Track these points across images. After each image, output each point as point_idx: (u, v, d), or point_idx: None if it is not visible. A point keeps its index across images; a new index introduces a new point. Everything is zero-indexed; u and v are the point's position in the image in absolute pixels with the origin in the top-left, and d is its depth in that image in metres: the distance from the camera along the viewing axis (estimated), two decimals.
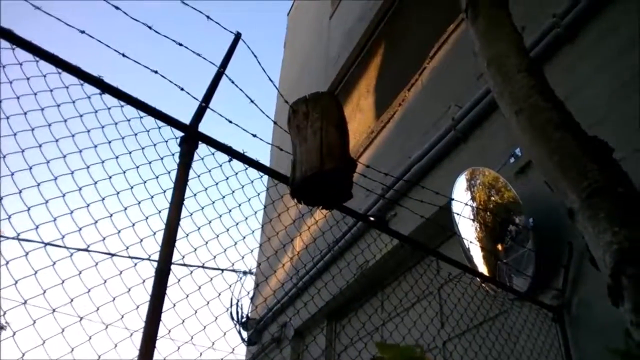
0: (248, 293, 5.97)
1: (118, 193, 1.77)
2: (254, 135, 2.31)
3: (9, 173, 1.55)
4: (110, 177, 1.77)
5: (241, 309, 7.78)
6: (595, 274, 3.05)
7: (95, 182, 1.71)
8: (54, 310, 1.62)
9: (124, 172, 1.81)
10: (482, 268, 4.01)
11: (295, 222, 3.29)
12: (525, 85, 2.40)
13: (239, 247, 2.23)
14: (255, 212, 2.44)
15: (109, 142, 1.81)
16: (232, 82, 2.16)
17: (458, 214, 4.06)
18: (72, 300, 1.60)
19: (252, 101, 2.23)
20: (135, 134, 1.88)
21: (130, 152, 1.85)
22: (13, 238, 1.64)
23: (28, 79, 1.75)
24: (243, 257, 2.34)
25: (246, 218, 2.16)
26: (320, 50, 10.24)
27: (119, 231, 1.72)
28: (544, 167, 2.31)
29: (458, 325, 3.87)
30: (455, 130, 4.89)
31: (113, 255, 1.70)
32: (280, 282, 5.83)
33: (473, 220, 4.25)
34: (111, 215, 1.72)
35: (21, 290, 1.53)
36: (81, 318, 1.69)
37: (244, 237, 2.28)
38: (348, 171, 2.01)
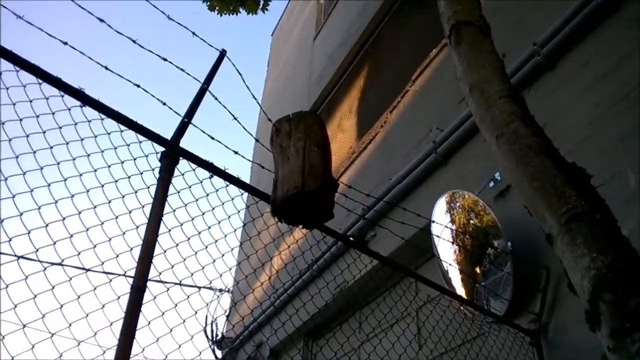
0: (225, 312, 5.89)
1: (95, 207, 1.74)
2: (236, 153, 2.30)
3: None
4: (87, 191, 1.74)
5: (216, 327, 7.68)
6: (572, 299, 3.06)
7: (72, 195, 1.68)
8: (24, 326, 1.57)
9: (102, 186, 1.78)
10: (461, 290, 4.02)
11: (274, 241, 3.26)
12: (506, 111, 2.43)
13: (217, 265, 2.20)
14: (235, 230, 2.42)
15: (88, 155, 1.78)
16: (216, 99, 2.15)
17: (437, 236, 4.08)
18: (44, 316, 1.56)
19: (235, 118, 2.22)
20: (115, 148, 1.86)
21: (109, 166, 1.82)
22: None
23: (7, 88, 1.72)
24: (221, 275, 2.30)
25: (225, 235, 2.14)
26: (303, 71, 10.30)
27: (95, 246, 1.68)
28: (524, 191, 2.34)
29: (436, 348, 3.86)
30: (436, 153, 4.93)
31: (88, 270, 1.66)
32: (257, 301, 5.77)
33: (452, 243, 4.27)
34: (87, 229, 1.68)
35: None
36: (52, 334, 1.64)
37: (223, 255, 2.25)
38: (330, 192, 2.01)
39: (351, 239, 5.36)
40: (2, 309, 1.53)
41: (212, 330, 7.32)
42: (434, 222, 4.13)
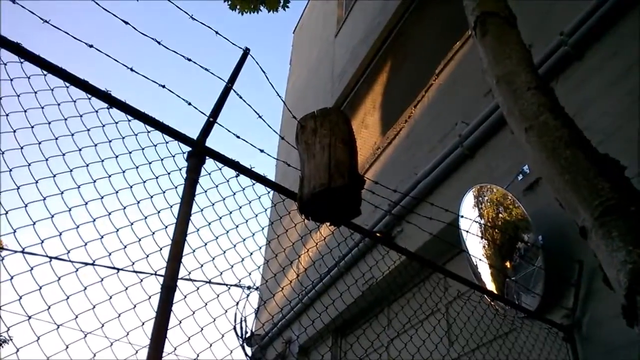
0: (255, 310, 5.92)
1: (125, 208, 1.76)
2: (262, 151, 2.30)
3: (14, 187, 1.54)
4: (117, 192, 1.75)
5: (245, 324, 7.72)
6: (607, 293, 3.00)
7: (102, 197, 1.70)
8: (58, 327, 1.59)
9: (131, 187, 1.80)
10: (490, 285, 3.97)
11: (302, 238, 3.26)
12: (535, 103, 2.38)
13: (245, 263, 2.21)
14: (262, 228, 2.42)
15: (116, 156, 1.79)
16: (241, 98, 2.15)
17: (466, 231, 4.03)
18: (77, 317, 1.58)
19: (260, 116, 2.22)
20: (143, 149, 1.87)
21: (137, 167, 1.83)
22: (18, 252, 1.62)
23: (36, 92, 1.75)
24: (250, 274, 2.31)
25: (253, 234, 2.14)
26: (325, 67, 10.28)
27: (125, 246, 1.70)
28: (555, 185, 2.29)
29: (467, 344, 3.81)
30: (462, 146, 4.87)
31: (119, 270, 1.68)
32: (286, 298, 5.79)
33: (481, 237, 4.21)
34: (117, 230, 1.70)
35: (25, 305, 1.51)
36: (86, 334, 1.67)
37: (251, 254, 2.26)
38: (356, 188, 1.99)
39: (378, 235, 5.33)
40: (35, 309, 1.55)
41: (241, 328, 7.37)
42: (462, 216, 4.08)
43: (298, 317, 7.06)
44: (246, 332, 7.52)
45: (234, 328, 7.34)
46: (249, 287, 8.08)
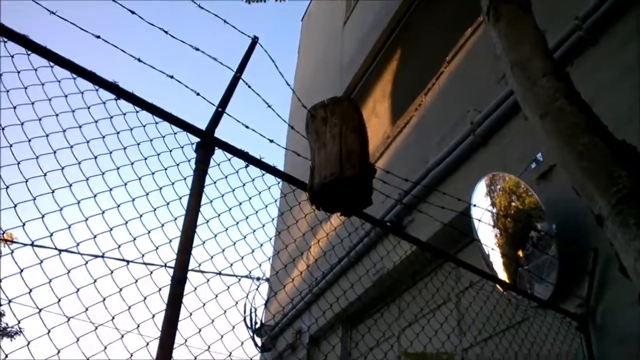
0: (266, 301, 5.93)
1: (133, 200, 1.74)
2: (271, 141, 2.27)
3: (23, 180, 1.52)
4: (125, 184, 1.73)
5: (255, 315, 7.74)
6: (623, 282, 2.95)
7: (111, 189, 1.68)
8: (69, 319, 1.58)
9: (140, 179, 1.78)
10: (503, 275, 3.93)
11: (312, 229, 3.24)
12: (550, 89, 2.34)
13: (255, 254, 2.18)
14: (273, 219, 2.39)
15: (124, 148, 1.77)
16: (249, 87, 2.12)
17: (478, 220, 3.98)
18: (87, 309, 1.57)
19: (269, 106, 2.19)
20: (151, 140, 1.85)
21: (145, 159, 1.81)
22: (27, 245, 1.61)
23: (43, 84, 1.72)
24: (260, 265, 2.29)
25: (263, 225, 2.11)
26: (334, 56, 10.20)
27: (135, 238, 1.68)
28: (571, 172, 2.25)
29: (480, 334, 3.79)
30: (474, 134, 4.81)
31: (129, 262, 1.67)
32: (296, 288, 5.78)
33: (493, 226, 4.17)
34: (126, 222, 1.68)
35: (35, 298, 1.50)
36: (97, 327, 1.65)
37: (262, 245, 2.23)
38: (368, 177, 1.96)
39: (388, 224, 5.29)
40: (46, 302, 1.54)
41: (251, 319, 7.38)
42: (474, 205, 4.03)
43: (308, 307, 7.06)
44: (256, 323, 7.54)
45: (244, 319, 7.36)
46: (258, 279, 8.08)
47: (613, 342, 3.07)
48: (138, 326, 1.68)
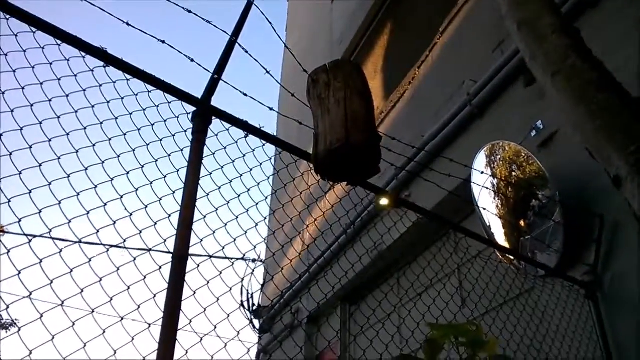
0: (263, 283, 5.85)
1: (128, 173, 1.61)
2: (271, 109, 2.15)
3: (6, 153, 1.39)
4: (119, 156, 1.61)
5: (252, 297, 7.67)
6: (631, 248, 2.87)
7: (103, 162, 1.55)
8: (62, 302, 1.46)
9: (134, 150, 1.65)
10: (505, 245, 3.86)
11: (308, 207, 3.13)
12: (561, 46, 2.23)
13: (250, 235, 2.02)
14: (266, 198, 2.23)
15: (116, 118, 1.64)
16: (247, 52, 1.99)
17: (481, 186, 3.89)
18: (82, 290, 1.45)
19: (267, 72, 2.07)
20: (144, 110, 1.72)
21: (139, 129, 1.68)
22: (13, 224, 1.48)
23: (25, 51, 1.59)
24: (255, 247, 2.14)
25: (266, 198, 1.99)
26: (323, 33, 10.01)
27: (131, 214, 1.55)
28: (585, 132, 2.16)
29: (482, 305, 3.72)
30: (471, 105, 4.70)
31: (125, 241, 1.54)
32: (293, 268, 5.69)
33: (494, 197, 4.09)
34: (122, 197, 1.55)
35: (26, 282, 1.38)
36: (93, 310, 1.54)
37: (257, 225, 2.09)
38: (375, 143, 1.85)
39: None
40: (37, 286, 1.43)
41: (248, 302, 7.31)
42: (475, 170, 3.93)
43: (305, 287, 6.99)
44: (253, 305, 7.47)
45: (242, 304, 7.27)
46: (254, 260, 7.98)
47: (622, 309, 3.01)
48: (139, 307, 1.57)
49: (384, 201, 5.74)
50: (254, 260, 8.03)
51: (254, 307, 7.45)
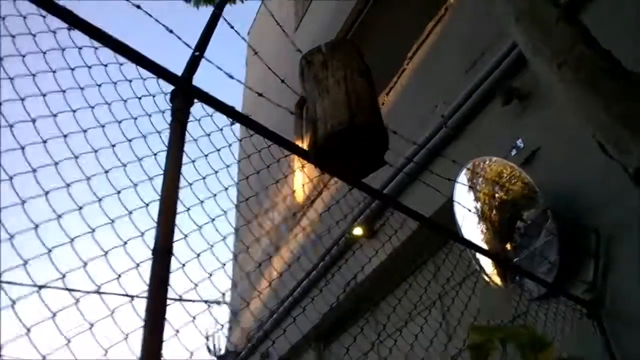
0: (230, 325, 5.47)
1: (96, 151, 1.32)
2: (260, 95, 1.91)
3: None
4: (85, 131, 1.32)
5: (218, 343, 7.19)
6: (629, 262, 2.68)
7: (65, 135, 1.26)
8: (40, 288, 1.14)
9: (103, 127, 1.37)
10: (494, 274, 3.66)
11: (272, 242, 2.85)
12: (566, 35, 2.12)
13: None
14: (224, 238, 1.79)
15: (82, 88, 1.36)
16: (232, 28, 1.77)
17: (466, 209, 3.70)
18: (64, 276, 1.14)
19: (256, 53, 1.83)
20: (115, 83, 1.44)
21: (109, 104, 1.40)
22: None
23: None
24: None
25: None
26: (286, 65, 9.91)
27: (100, 199, 1.26)
28: (598, 122, 2.02)
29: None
30: (447, 127, 4.58)
31: (110, 223, 1.24)
32: (261, 307, 5.35)
33: (478, 222, 3.90)
34: (89, 178, 1.26)
35: None
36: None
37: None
38: (382, 126, 1.63)
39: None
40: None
41: (214, 345, 6.85)
42: (461, 183, 3.74)
43: (275, 329, 6.60)
44: (220, 350, 7.01)
45: (207, 347, 6.80)
46: (218, 303, 7.51)
47: (628, 326, 2.82)
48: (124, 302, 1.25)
49: (358, 231, 5.50)
50: (218, 303, 7.54)
51: (221, 352, 6.97)
